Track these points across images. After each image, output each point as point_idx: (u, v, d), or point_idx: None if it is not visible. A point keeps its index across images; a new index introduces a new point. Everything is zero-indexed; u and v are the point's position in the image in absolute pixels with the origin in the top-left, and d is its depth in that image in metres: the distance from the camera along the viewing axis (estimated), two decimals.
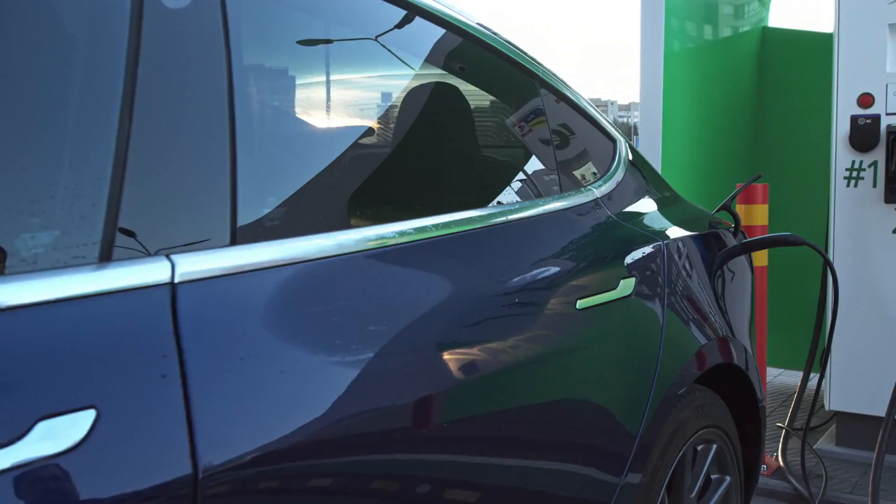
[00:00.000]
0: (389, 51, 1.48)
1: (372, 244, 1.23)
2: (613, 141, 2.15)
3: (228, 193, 1.05)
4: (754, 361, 2.31)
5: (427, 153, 1.52)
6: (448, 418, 1.26)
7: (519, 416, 1.39)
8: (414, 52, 1.57)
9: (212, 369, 0.94)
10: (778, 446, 3.59)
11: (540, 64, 1.90)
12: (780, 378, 4.90)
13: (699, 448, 2.02)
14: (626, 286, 1.70)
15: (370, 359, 1.12)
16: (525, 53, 1.85)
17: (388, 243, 1.26)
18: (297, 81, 1.29)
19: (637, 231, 1.89)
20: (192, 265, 0.97)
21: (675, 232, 2.06)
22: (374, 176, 1.37)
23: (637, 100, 3.96)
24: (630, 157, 2.19)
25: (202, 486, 0.89)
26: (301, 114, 1.30)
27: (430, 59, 1.60)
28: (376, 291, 1.19)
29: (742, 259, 2.45)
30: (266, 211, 1.12)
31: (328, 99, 1.36)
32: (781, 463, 3.43)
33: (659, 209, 2.18)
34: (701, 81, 4.11)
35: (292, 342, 1.04)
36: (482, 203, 1.51)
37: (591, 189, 1.89)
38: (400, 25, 1.52)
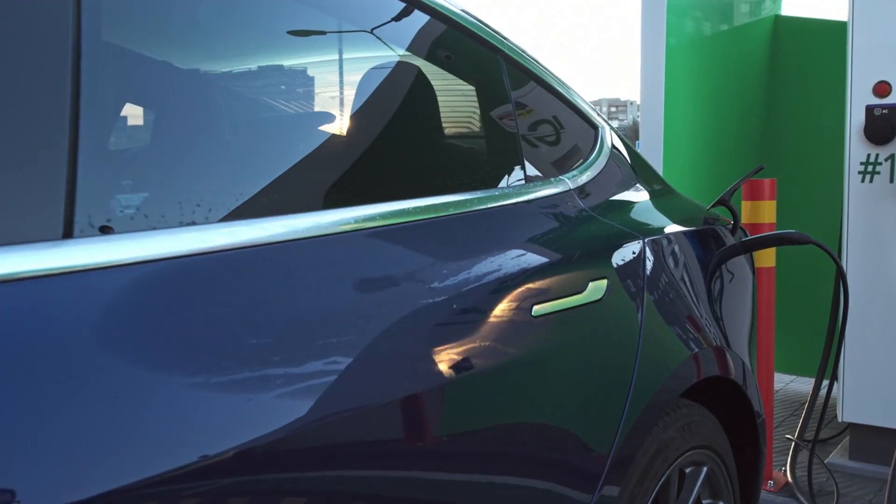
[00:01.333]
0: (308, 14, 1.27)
1: (267, 240, 1.02)
2: (595, 127, 1.93)
3: (65, 174, 0.84)
4: (753, 375, 2.08)
5: (347, 132, 1.31)
6: (360, 447, 1.05)
7: (451, 442, 1.17)
8: (345, 18, 1.37)
9: (11, 395, 0.73)
10: (787, 460, 3.36)
11: (505, 39, 1.68)
12: (793, 385, 4.65)
13: (688, 471, 1.80)
14: (596, 289, 1.48)
15: (247, 381, 0.91)
16: (487, 26, 1.64)
17: (291, 238, 1.05)
18: (183, 39, 1.08)
19: (615, 227, 1.67)
20: None
21: (662, 228, 1.84)
22: (277, 159, 1.16)
23: None
24: (615, 146, 1.98)
25: None
26: (184, 79, 1.09)
27: (363, 26, 1.40)
28: (268, 296, 0.98)
29: (741, 260, 2.23)
30: (120, 198, 0.91)
31: (221, 64, 1.15)
32: (790, 478, 3.20)
33: (646, 203, 1.96)
34: (707, 75, 3.88)
35: (138, 359, 0.83)
36: (418, 194, 1.30)
37: (563, 179, 1.68)
38: None
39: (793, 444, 3.37)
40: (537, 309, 1.33)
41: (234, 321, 0.92)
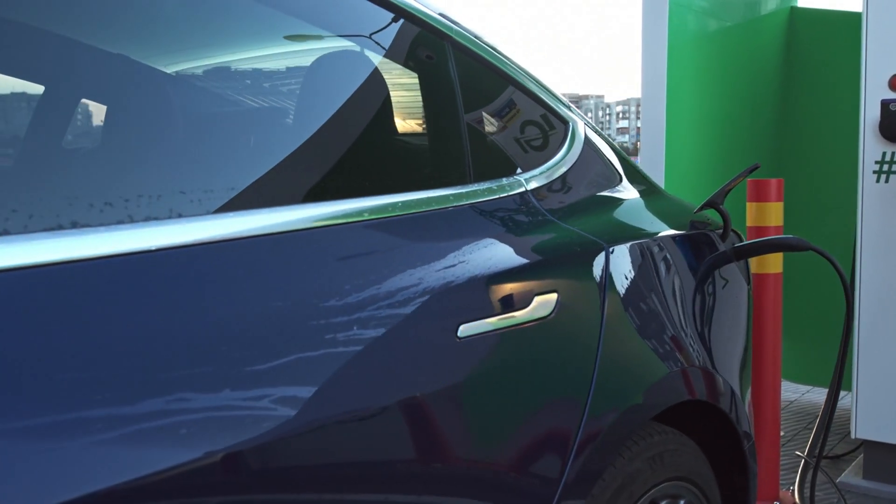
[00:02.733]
0: None
1: (122, 249, 0.87)
2: (565, 122, 1.75)
3: None
4: (743, 395, 1.89)
5: (254, 129, 1.15)
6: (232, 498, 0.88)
7: (351, 479, 1.00)
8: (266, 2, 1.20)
9: None
10: (795, 478, 3.15)
11: (454, 23, 1.51)
12: (808, 396, 4.43)
13: None
14: (543, 305, 1.30)
15: (93, 420, 0.75)
16: (431, 8, 1.46)
17: (168, 245, 0.90)
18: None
19: (576, 233, 1.49)
20: None
21: (635, 234, 1.66)
22: (162, 158, 1.00)
23: None
24: (590, 143, 1.79)
25: None
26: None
27: (283, 8, 1.23)
28: (123, 313, 0.82)
29: (735, 270, 2.03)
30: None
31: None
32: (797, 499, 2.99)
33: (623, 205, 1.78)
34: (715, 71, 3.66)
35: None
36: (332, 197, 1.13)
37: (517, 180, 1.50)
38: None
39: (802, 461, 3.16)
40: (465, 329, 1.16)
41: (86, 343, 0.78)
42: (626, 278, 1.54)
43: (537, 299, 1.29)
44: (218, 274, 0.95)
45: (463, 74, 1.48)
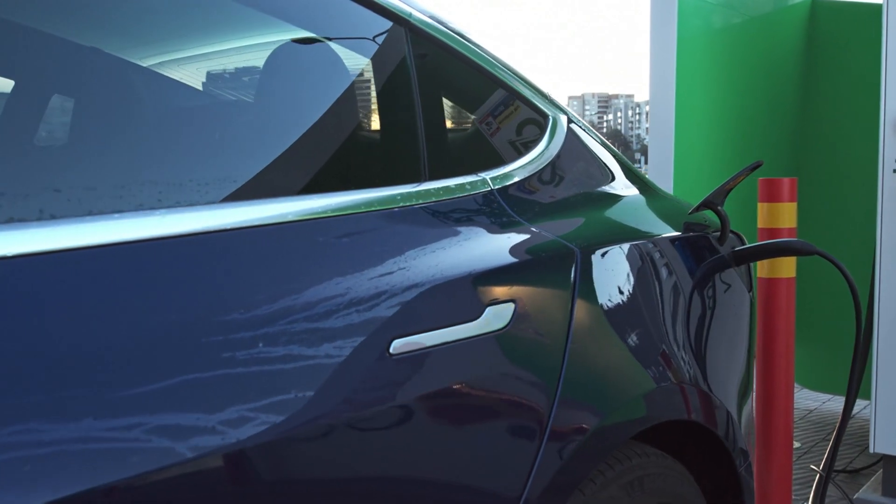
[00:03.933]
0: None
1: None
2: (544, 116, 1.61)
3: None
4: (740, 419, 1.74)
5: (183, 123, 1.03)
6: None
7: None
8: None
9: None
10: (810, 494, 2.99)
11: (413, 7, 1.39)
12: (829, 405, 4.24)
13: None
14: (497, 316, 1.17)
15: None
16: None
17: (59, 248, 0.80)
18: None
19: (546, 236, 1.36)
20: None
21: (619, 236, 1.52)
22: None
23: None
24: (574, 138, 1.66)
25: None
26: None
27: None
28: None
29: (734, 275, 1.88)
30: None
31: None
32: None
33: (610, 206, 1.64)
34: (730, 67, 3.49)
35: None
36: (253, 196, 1.02)
37: (482, 178, 1.37)
38: None
39: (817, 475, 3.00)
40: (399, 344, 1.03)
41: None
42: (603, 286, 1.40)
43: (491, 310, 1.16)
44: (112, 279, 0.84)
45: (422, 63, 1.36)
